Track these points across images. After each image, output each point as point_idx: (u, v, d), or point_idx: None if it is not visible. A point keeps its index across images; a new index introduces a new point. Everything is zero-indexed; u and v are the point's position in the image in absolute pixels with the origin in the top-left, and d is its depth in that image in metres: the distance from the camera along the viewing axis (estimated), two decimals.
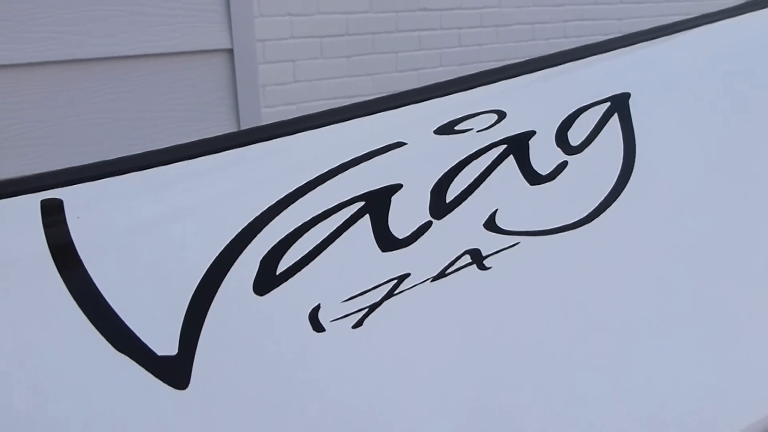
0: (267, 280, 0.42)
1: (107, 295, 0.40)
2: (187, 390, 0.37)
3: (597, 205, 0.48)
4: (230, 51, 1.94)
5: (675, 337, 0.48)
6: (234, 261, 0.42)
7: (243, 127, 1.93)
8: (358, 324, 0.41)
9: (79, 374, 0.38)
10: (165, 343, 0.38)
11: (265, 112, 2.45)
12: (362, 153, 0.49)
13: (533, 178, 0.49)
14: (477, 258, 0.45)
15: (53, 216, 0.41)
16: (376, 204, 0.46)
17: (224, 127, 1.91)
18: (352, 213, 0.45)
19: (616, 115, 0.52)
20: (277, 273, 0.42)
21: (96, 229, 0.42)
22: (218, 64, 1.97)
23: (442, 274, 0.44)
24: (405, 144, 0.50)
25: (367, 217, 0.46)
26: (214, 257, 0.42)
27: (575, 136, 0.51)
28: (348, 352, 0.41)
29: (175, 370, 0.37)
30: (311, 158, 0.48)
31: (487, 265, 0.44)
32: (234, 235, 0.43)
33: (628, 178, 0.49)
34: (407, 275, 0.44)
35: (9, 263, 0.40)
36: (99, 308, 0.39)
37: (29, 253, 0.40)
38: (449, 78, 0.59)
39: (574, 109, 0.52)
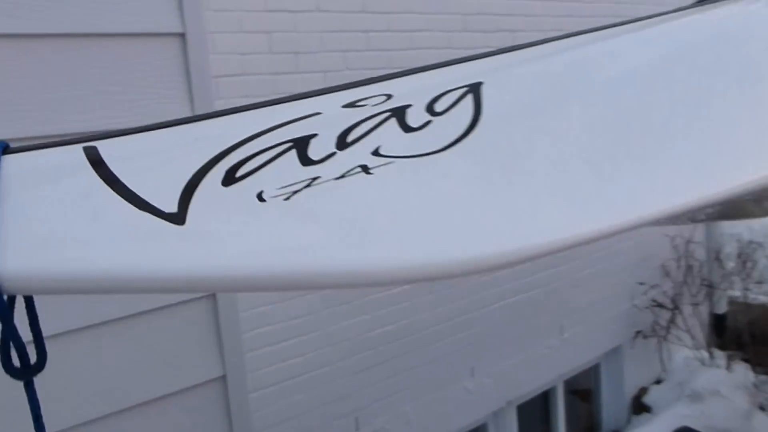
0: (229, 178, 0.67)
1: (130, 185, 0.65)
2: (184, 226, 0.62)
3: (450, 142, 0.74)
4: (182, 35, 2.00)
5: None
6: (211, 168, 0.68)
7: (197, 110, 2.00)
8: (287, 199, 0.66)
9: (120, 222, 0.62)
10: (169, 207, 0.63)
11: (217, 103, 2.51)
12: (295, 117, 0.77)
13: (407, 128, 0.75)
14: (365, 169, 0.69)
15: (91, 151, 0.68)
16: (301, 143, 0.72)
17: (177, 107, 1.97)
18: (285, 147, 0.71)
19: (471, 95, 0.79)
20: (236, 176, 0.68)
21: (119, 154, 0.69)
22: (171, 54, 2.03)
23: (342, 176, 0.68)
24: (320, 113, 0.77)
25: (294, 150, 0.71)
26: (200, 165, 0.68)
27: (440, 107, 0.78)
28: (278, 217, 0.65)
29: (176, 218, 0.62)
30: (263, 119, 0.77)
31: (371, 173, 0.69)
32: (212, 156, 0.70)
33: (473, 128, 0.76)
34: (318, 177, 0.68)
35: (69, 169, 0.67)
36: (126, 191, 0.64)
37: (81, 164, 0.67)
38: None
39: (442, 91, 0.79)
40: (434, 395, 3.49)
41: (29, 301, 0.61)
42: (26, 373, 0.56)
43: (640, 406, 4.55)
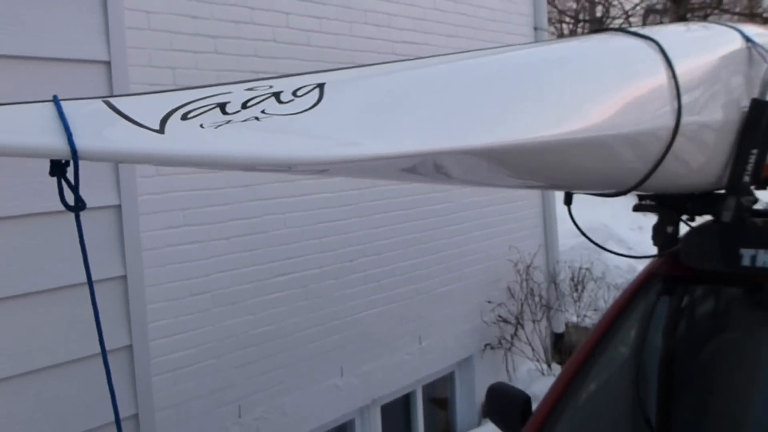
0: (184, 118, 1.11)
1: (132, 116, 1.10)
2: (164, 134, 1.06)
3: (303, 110, 1.21)
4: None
5: None
6: (174, 112, 1.14)
7: None
8: (216, 128, 1.12)
9: (126, 130, 1.08)
10: (154, 125, 1.08)
11: None
12: (219, 93, 1.25)
13: (280, 102, 1.22)
14: (257, 119, 1.17)
15: (107, 101, 1.15)
16: (222, 105, 1.19)
17: None
18: (212, 106, 1.17)
19: (318, 88, 1.27)
20: (188, 117, 1.12)
21: (124, 103, 1.15)
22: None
23: (244, 120, 1.16)
24: (232, 92, 1.27)
25: (218, 108, 1.19)
26: (168, 110, 1.14)
27: (300, 93, 1.26)
28: (211, 134, 1.11)
29: (158, 131, 1.07)
30: (202, 93, 1.24)
31: (259, 120, 1.16)
32: (174, 106, 1.15)
33: (317, 105, 1.23)
34: (231, 120, 1.15)
35: (99, 109, 1.12)
36: (130, 119, 1.10)
37: (105, 108, 1.13)
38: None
39: (302, 85, 1.28)
40: (308, 390, 3.99)
41: (76, 166, 1.09)
42: (78, 208, 1.06)
43: None
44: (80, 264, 1.09)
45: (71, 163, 1.02)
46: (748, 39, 2.23)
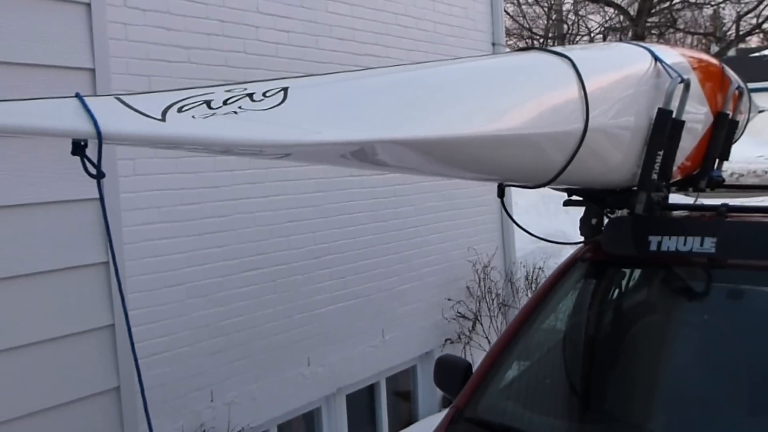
0: (180, 110, 1.42)
1: (138, 108, 1.40)
2: (165, 122, 1.37)
3: (270, 107, 1.52)
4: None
5: None
6: (172, 106, 1.44)
7: None
8: (205, 118, 1.43)
9: (135, 120, 1.39)
10: (156, 115, 1.39)
11: None
12: (204, 93, 1.55)
13: (253, 101, 1.54)
14: (235, 112, 1.48)
15: (119, 98, 1.45)
16: (208, 101, 1.51)
17: None
18: (200, 102, 1.48)
19: (282, 90, 1.58)
20: (182, 110, 1.43)
21: (133, 99, 1.45)
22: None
23: (225, 114, 1.48)
24: (215, 92, 1.57)
25: (204, 104, 1.49)
26: (167, 104, 1.44)
27: (268, 94, 1.57)
28: (201, 122, 1.43)
29: (161, 119, 1.38)
30: (191, 93, 1.55)
31: (237, 114, 1.47)
32: (172, 101, 1.46)
33: (282, 104, 1.53)
34: (215, 114, 1.46)
35: (113, 103, 1.43)
36: (136, 110, 1.40)
37: (116, 102, 1.44)
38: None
39: (269, 88, 1.58)
40: (276, 378, 4.27)
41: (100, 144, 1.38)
42: (99, 175, 1.36)
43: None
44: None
45: (88, 143, 1.34)
46: (655, 57, 2.59)
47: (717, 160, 3.25)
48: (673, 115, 2.52)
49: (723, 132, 3.12)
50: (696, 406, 2.40)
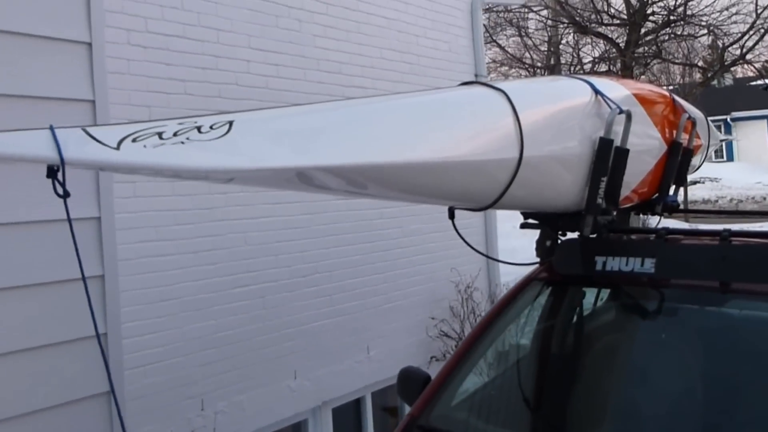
0: (134, 140, 1.66)
1: (99, 138, 1.67)
2: (119, 151, 1.65)
3: (217, 137, 1.75)
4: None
5: None
6: (127, 137, 1.69)
7: None
8: (155, 147, 1.69)
9: (93, 148, 1.66)
10: (113, 144, 1.66)
11: None
12: (156, 126, 1.79)
13: (200, 132, 1.78)
14: (182, 142, 1.72)
15: (85, 129, 1.71)
16: (160, 133, 1.74)
17: None
18: (151, 134, 1.72)
19: (228, 123, 1.81)
20: (135, 140, 1.67)
21: (96, 131, 1.71)
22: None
23: (175, 144, 1.72)
24: (167, 124, 1.81)
25: (156, 135, 1.74)
26: (124, 135, 1.69)
27: (215, 126, 1.81)
28: (151, 152, 1.68)
29: (115, 148, 1.65)
30: (147, 125, 1.79)
31: (184, 144, 1.72)
32: (127, 133, 1.71)
33: (227, 134, 1.77)
34: (164, 144, 1.70)
35: (77, 134, 1.69)
36: (96, 139, 1.67)
37: (80, 132, 1.70)
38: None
39: (216, 122, 1.84)
40: (264, 390, 4.53)
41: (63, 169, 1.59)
42: (66, 195, 1.64)
43: None
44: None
45: (60, 168, 1.63)
46: (595, 90, 2.84)
47: (674, 186, 3.49)
48: (617, 144, 2.73)
49: (677, 159, 3.35)
50: (636, 419, 2.58)
